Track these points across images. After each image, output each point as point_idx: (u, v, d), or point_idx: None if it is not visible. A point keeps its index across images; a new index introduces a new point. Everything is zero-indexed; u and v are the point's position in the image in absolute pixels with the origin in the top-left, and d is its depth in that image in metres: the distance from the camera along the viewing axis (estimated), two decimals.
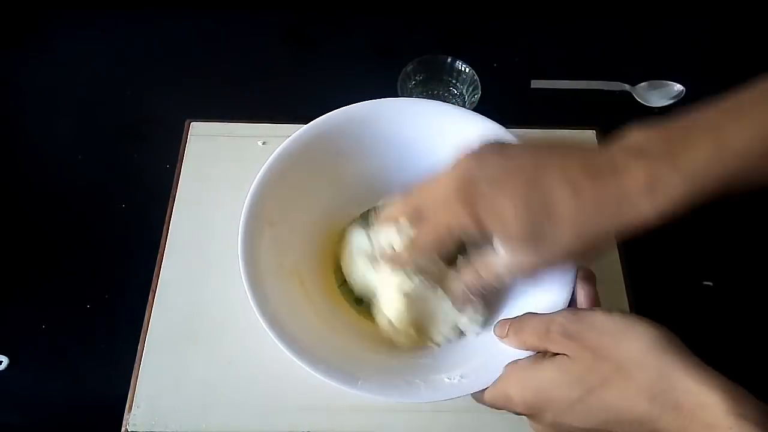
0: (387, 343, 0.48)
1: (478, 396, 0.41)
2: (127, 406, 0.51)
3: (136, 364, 0.52)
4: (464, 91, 0.68)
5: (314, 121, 0.51)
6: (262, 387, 0.51)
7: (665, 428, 0.32)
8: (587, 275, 0.42)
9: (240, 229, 0.46)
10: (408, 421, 0.50)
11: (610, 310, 0.37)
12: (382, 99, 0.53)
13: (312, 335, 0.44)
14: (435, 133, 0.52)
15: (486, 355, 0.43)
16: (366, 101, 0.52)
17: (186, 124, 0.66)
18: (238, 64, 0.74)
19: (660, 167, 0.34)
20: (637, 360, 0.34)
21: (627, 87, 0.71)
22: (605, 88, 0.71)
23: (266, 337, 0.42)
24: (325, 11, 0.79)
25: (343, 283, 0.52)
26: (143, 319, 0.54)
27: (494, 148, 0.40)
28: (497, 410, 0.40)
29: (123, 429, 0.50)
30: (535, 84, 0.71)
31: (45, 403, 0.53)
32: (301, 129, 0.51)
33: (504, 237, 0.39)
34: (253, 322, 0.53)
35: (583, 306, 0.41)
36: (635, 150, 0.36)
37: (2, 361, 0.54)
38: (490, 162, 0.39)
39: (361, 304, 0.52)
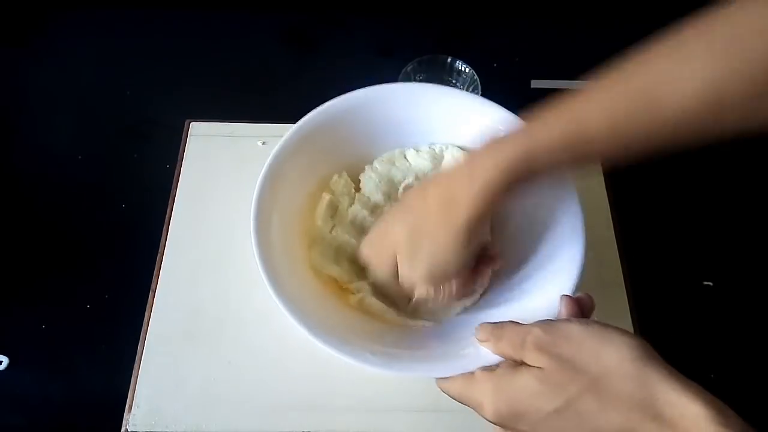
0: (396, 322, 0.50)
1: (443, 383, 0.41)
2: (127, 406, 0.51)
3: (136, 364, 0.52)
4: (464, 91, 0.68)
5: (318, 108, 0.53)
6: (262, 387, 0.51)
7: None
8: (582, 298, 0.42)
9: (251, 212, 0.47)
10: (408, 421, 0.50)
11: (587, 321, 0.37)
12: (384, 84, 0.54)
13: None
14: (434, 115, 0.55)
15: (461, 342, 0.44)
16: (368, 87, 0.54)
17: (186, 124, 0.66)
18: (238, 64, 0.75)
19: (478, 159, 0.42)
20: (616, 370, 0.33)
21: None
22: None
23: (266, 337, 0.42)
24: (325, 11, 0.79)
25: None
26: (143, 319, 0.54)
27: (409, 195, 0.49)
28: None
29: (123, 429, 0.50)
30: (535, 84, 0.71)
31: (45, 403, 0.53)
32: (307, 115, 0.53)
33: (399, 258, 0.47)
34: (253, 322, 0.54)
35: (563, 317, 0.41)
36: (471, 153, 0.45)
37: (2, 361, 0.54)
38: (397, 208, 0.49)
39: None
